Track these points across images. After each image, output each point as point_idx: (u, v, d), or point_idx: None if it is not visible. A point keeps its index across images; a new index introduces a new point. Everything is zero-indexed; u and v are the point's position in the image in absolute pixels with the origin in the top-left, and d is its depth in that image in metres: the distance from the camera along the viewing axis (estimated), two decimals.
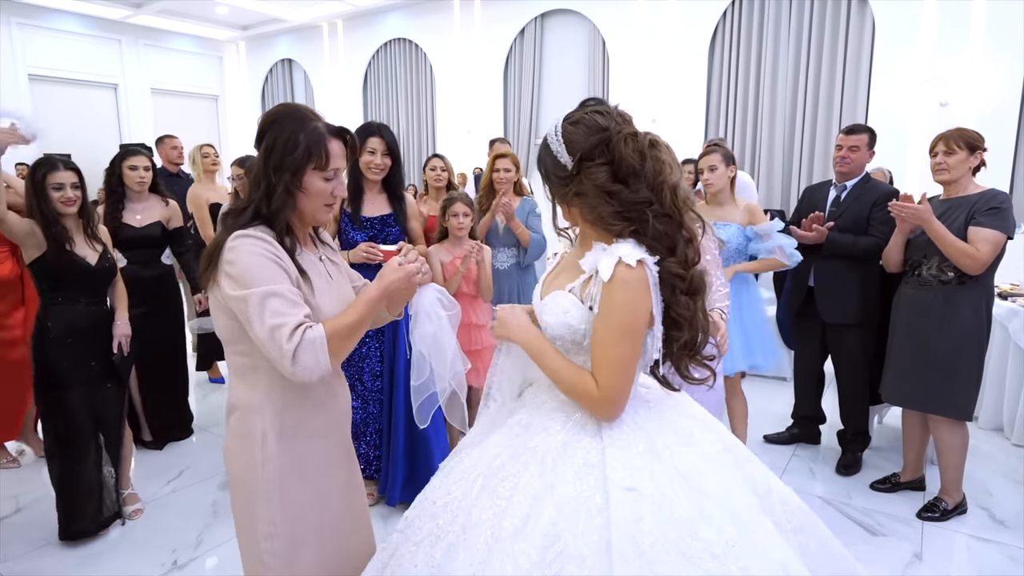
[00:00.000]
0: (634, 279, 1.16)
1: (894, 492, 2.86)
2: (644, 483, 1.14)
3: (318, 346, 1.18)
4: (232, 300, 1.21)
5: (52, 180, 2.33)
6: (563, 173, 1.23)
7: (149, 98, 11.94)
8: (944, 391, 2.55)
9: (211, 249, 1.25)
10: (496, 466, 1.25)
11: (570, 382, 1.24)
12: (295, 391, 1.30)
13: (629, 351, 1.19)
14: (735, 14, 8.00)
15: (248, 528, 1.31)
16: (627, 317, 1.17)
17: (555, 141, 1.23)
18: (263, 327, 1.17)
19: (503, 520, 1.14)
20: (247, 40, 12.63)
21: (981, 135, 2.53)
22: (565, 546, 1.08)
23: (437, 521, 1.25)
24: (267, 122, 1.29)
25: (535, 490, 1.16)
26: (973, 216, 2.46)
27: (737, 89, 8.14)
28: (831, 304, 2.97)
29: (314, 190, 1.28)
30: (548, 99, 9.48)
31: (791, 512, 1.33)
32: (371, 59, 11.02)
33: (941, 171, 2.56)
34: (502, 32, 9.49)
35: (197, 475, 3.12)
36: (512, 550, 1.10)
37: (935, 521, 2.62)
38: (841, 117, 7.55)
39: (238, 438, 1.31)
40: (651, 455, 1.20)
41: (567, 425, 1.25)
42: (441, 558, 1.19)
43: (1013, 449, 3.29)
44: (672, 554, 1.07)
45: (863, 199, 2.93)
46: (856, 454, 3.11)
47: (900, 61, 7.16)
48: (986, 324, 2.57)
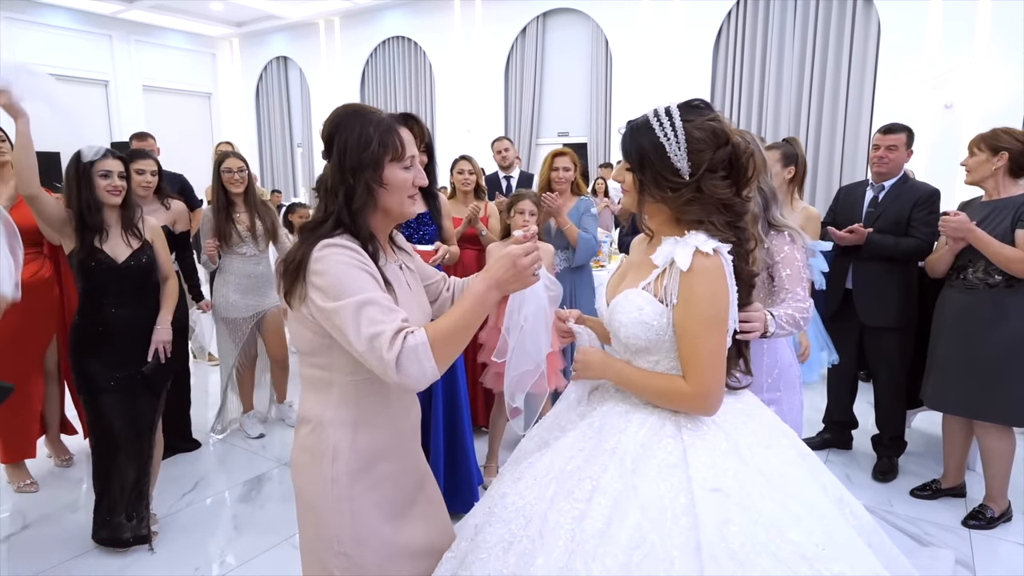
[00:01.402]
0: (713, 267, 1.16)
1: (935, 499, 2.81)
2: (729, 484, 1.12)
3: (421, 352, 1.11)
4: (324, 313, 1.14)
5: (100, 167, 2.26)
6: (678, 179, 1.20)
7: (141, 95, 11.72)
8: (992, 396, 2.49)
9: (294, 263, 1.18)
10: (570, 469, 1.22)
11: (661, 390, 1.23)
12: (369, 407, 1.25)
13: (718, 341, 1.19)
14: (740, 14, 7.97)
15: (315, 544, 1.27)
16: (711, 307, 1.17)
17: (673, 145, 1.19)
18: (360, 338, 1.10)
19: (583, 523, 1.11)
20: (241, 37, 12.44)
21: (1012, 135, 2.46)
22: (652, 547, 1.06)
23: (509, 527, 1.21)
24: (331, 127, 1.23)
25: (616, 491, 1.13)
26: (1020, 219, 2.40)
27: (741, 90, 8.11)
28: (870, 307, 2.90)
29: (396, 182, 1.23)
30: (550, 99, 9.40)
31: (862, 526, 1.32)
32: (369, 57, 10.88)
33: (967, 173, 2.56)
34: (503, 31, 9.40)
35: (212, 488, 2.99)
36: (597, 553, 1.07)
37: (982, 529, 2.57)
38: (846, 118, 7.55)
39: (308, 452, 1.26)
40: (734, 455, 1.18)
41: (644, 426, 1.23)
42: (516, 563, 1.14)
43: None
44: (763, 556, 1.05)
45: (903, 199, 2.87)
46: (893, 460, 3.06)
47: (905, 62, 7.16)
48: None
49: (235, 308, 3.37)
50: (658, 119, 1.19)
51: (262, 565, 2.38)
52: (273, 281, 3.50)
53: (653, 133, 1.19)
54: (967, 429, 2.71)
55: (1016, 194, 2.47)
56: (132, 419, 2.37)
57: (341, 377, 1.22)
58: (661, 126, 1.19)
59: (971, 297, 2.54)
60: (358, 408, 1.24)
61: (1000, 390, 2.48)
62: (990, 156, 2.47)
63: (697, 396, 1.19)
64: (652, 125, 1.20)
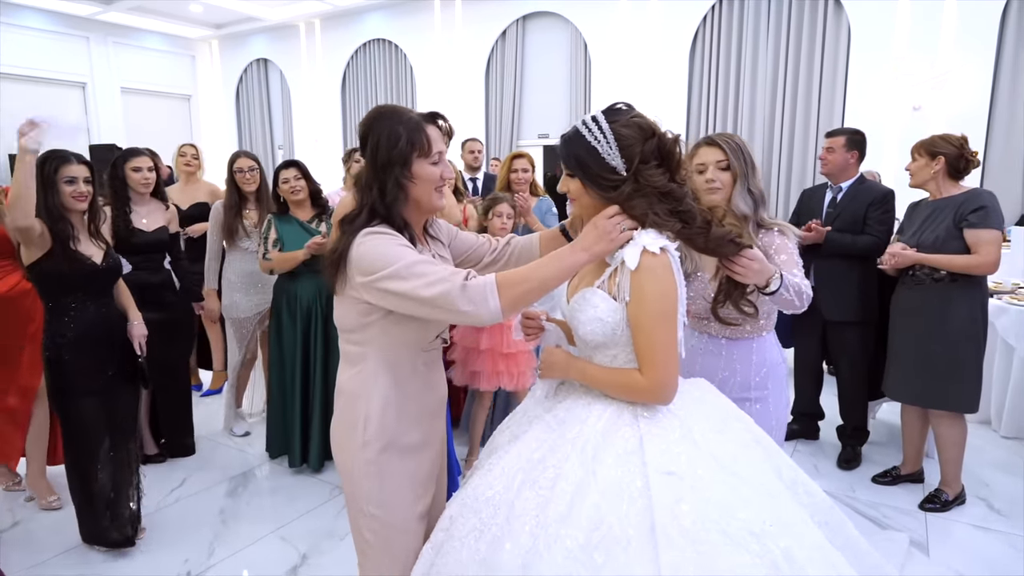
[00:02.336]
0: (660, 266, 1.24)
1: (895, 485, 2.95)
2: (682, 467, 1.20)
3: (487, 289, 1.21)
4: (376, 286, 1.25)
5: (65, 173, 2.26)
6: (615, 176, 1.27)
7: (119, 97, 11.62)
8: (943, 387, 2.64)
9: (337, 254, 1.30)
10: (536, 459, 1.29)
11: (618, 384, 1.31)
12: (399, 381, 1.38)
13: (669, 334, 1.27)
14: (715, 19, 8.13)
15: (353, 506, 1.41)
16: (661, 303, 1.25)
17: (604, 145, 1.26)
18: (423, 286, 1.21)
19: (547, 508, 1.18)
20: (220, 39, 12.39)
21: (948, 140, 2.62)
22: (610, 528, 1.13)
23: (480, 516, 1.28)
24: (366, 127, 1.35)
25: (577, 478, 1.20)
26: (964, 218, 2.55)
27: (717, 92, 8.28)
28: (832, 302, 3.04)
29: (424, 176, 1.34)
30: (530, 101, 9.50)
31: (816, 505, 1.39)
32: (350, 59, 10.90)
33: (910, 177, 2.73)
34: (483, 33, 9.49)
35: (200, 483, 3.05)
36: (559, 534, 1.14)
37: (937, 512, 2.71)
38: (819, 121, 7.73)
39: (343, 421, 1.40)
40: (687, 441, 1.25)
41: (603, 416, 1.30)
42: (486, 550, 1.21)
43: (1002, 441, 3.42)
44: (714, 533, 1.11)
45: (859, 199, 3.03)
46: (856, 449, 3.20)
47: (874, 66, 7.37)
48: (982, 320, 2.66)
49: (238, 308, 3.45)
50: (587, 127, 1.28)
51: (250, 555, 2.45)
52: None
53: (584, 139, 1.27)
54: (923, 418, 2.86)
55: (955, 194, 2.63)
56: (115, 419, 2.40)
57: (375, 352, 1.35)
58: (590, 131, 1.27)
59: (920, 292, 2.69)
60: (388, 381, 1.36)
61: (950, 380, 2.62)
62: (928, 161, 2.64)
63: (653, 388, 1.26)
64: (582, 133, 1.28)
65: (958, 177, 2.63)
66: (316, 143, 11.30)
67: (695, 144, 1.85)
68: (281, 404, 3.16)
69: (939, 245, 2.60)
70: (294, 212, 3.17)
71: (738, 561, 1.09)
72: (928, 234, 2.64)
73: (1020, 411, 3.38)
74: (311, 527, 2.64)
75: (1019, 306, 3.38)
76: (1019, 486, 2.94)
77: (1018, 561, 2.38)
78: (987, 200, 2.56)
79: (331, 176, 9.09)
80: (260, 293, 3.47)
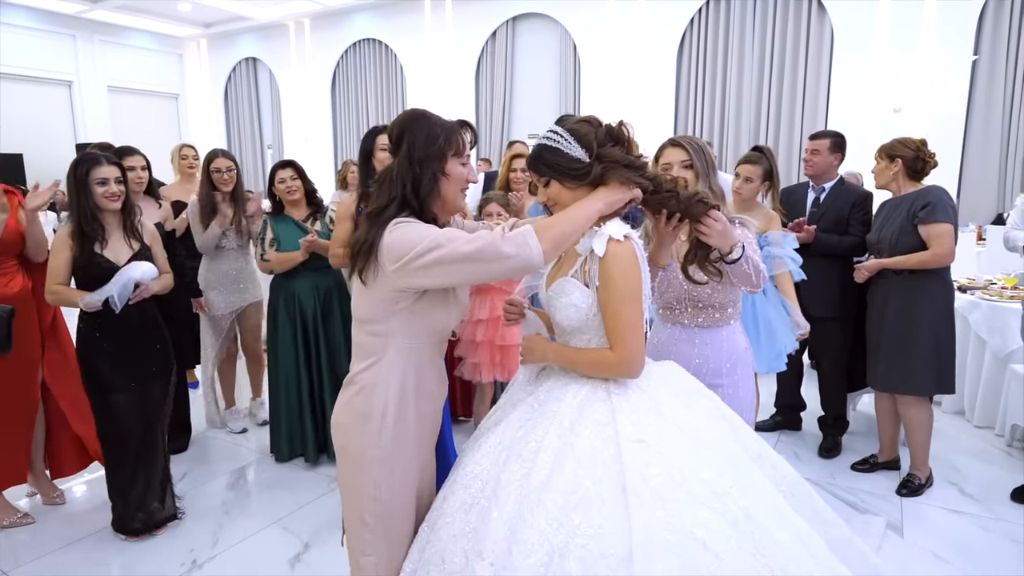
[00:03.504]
0: (624, 252, 1.37)
1: (873, 472, 3.08)
2: (650, 435, 1.32)
3: (527, 233, 1.29)
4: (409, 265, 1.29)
5: (96, 175, 2.34)
6: (581, 163, 1.42)
7: (106, 96, 11.59)
8: (908, 372, 2.79)
9: (366, 245, 1.36)
10: (519, 436, 1.41)
11: (591, 362, 1.44)
12: (417, 371, 1.44)
13: (635, 314, 1.39)
14: (701, 21, 8.27)
15: (354, 491, 1.45)
16: (626, 286, 1.38)
17: (564, 142, 1.42)
18: (460, 243, 1.27)
19: (529, 477, 1.29)
20: (209, 38, 12.37)
21: (905, 144, 2.79)
22: (586, 491, 1.24)
23: (469, 491, 1.39)
24: (401, 126, 1.42)
25: (556, 448, 1.32)
26: (915, 215, 2.73)
27: (704, 93, 8.42)
28: (815, 298, 3.17)
29: (455, 175, 1.43)
30: (520, 102, 9.60)
31: (781, 476, 1.49)
32: (340, 59, 10.94)
33: (875, 178, 2.92)
34: (474, 34, 9.57)
35: (200, 478, 3.12)
36: (541, 499, 1.25)
37: (911, 496, 2.84)
38: (803, 122, 7.90)
39: (355, 411, 1.43)
40: (655, 413, 1.38)
41: (580, 393, 1.42)
42: (476, 521, 1.31)
43: (975, 430, 3.56)
44: (679, 492, 1.23)
45: (841, 200, 3.18)
46: (836, 438, 3.33)
47: (857, 69, 7.54)
48: (944, 310, 2.80)
49: (213, 306, 3.49)
50: (545, 137, 1.44)
51: (254, 545, 2.53)
52: (254, 276, 3.63)
53: (547, 146, 1.44)
54: (895, 406, 2.99)
55: (910, 192, 2.80)
56: (147, 415, 2.51)
57: (396, 342, 1.40)
58: (549, 138, 1.43)
59: (887, 286, 2.86)
60: (408, 371, 1.42)
61: (913, 365, 2.78)
62: (888, 163, 2.82)
63: (621, 362, 1.39)
64: (543, 143, 1.44)
65: (917, 177, 2.81)
66: (306, 143, 11.34)
67: (660, 146, 2.00)
68: (286, 404, 3.18)
69: (895, 240, 2.79)
70: (289, 211, 3.23)
71: (700, 516, 1.21)
72: (887, 230, 2.84)
73: (991, 402, 3.52)
74: (312, 518, 2.72)
75: (991, 301, 3.53)
76: (989, 472, 3.08)
77: (987, 540, 2.51)
78: (934, 196, 2.72)
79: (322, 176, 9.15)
80: (237, 292, 3.53)
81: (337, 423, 1.48)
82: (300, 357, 3.17)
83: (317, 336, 3.18)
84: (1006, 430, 3.39)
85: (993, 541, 2.51)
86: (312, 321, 3.18)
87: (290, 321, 3.18)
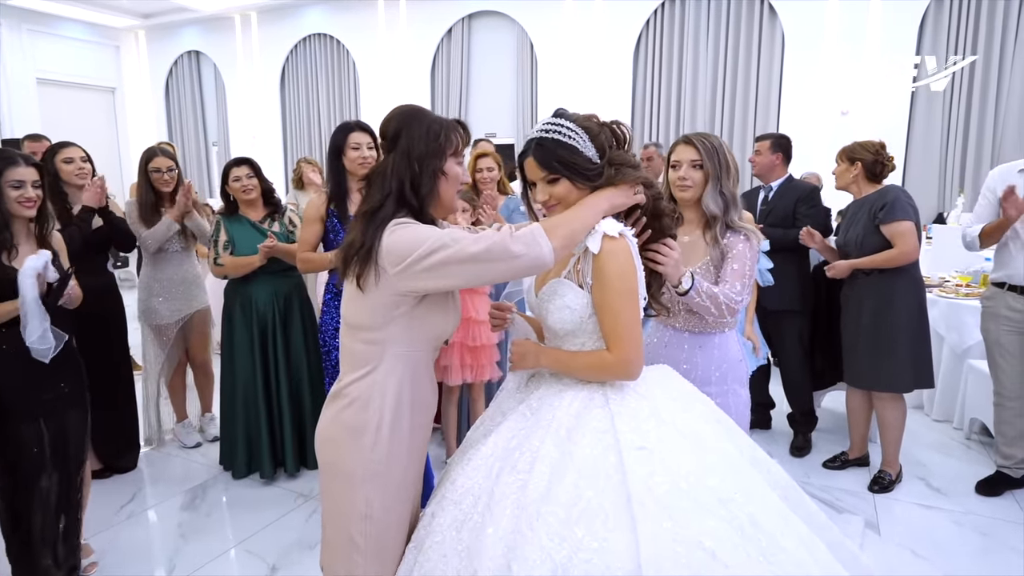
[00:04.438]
0: (620, 249, 1.33)
1: (843, 469, 3.12)
2: (652, 442, 1.27)
3: (536, 232, 1.23)
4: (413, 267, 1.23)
5: (11, 177, 2.01)
6: (594, 164, 1.37)
7: (34, 89, 10.86)
8: (884, 370, 2.84)
9: (364, 249, 1.28)
10: (512, 447, 1.33)
11: (588, 365, 1.38)
12: (411, 383, 1.36)
13: (632, 312, 1.35)
14: (657, 22, 8.35)
15: (343, 510, 1.36)
16: (623, 282, 1.33)
17: (580, 139, 1.36)
18: (467, 244, 1.21)
19: (526, 490, 1.22)
20: (148, 29, 11.78)
21: (864, 147, 2.85)
22: (588, 503, 1.18)
23: (460, 507, 1.30)
24: (397, 123, 1.35)
25: (553, 459, 1.25)
26: (875, 216, 2.78)
27: (660, 94, 8.50)
28: (772, 293, 3.19)
29: (452, 174, 1.37)
30: (477, 100, 9.49)
31: (776, 481, 1.46)
32: (289, 54, 10.58)
33: (836, 180, 2.97)
34: (429, 31, 9.41)
35: (153, 498, 2.90)
36: (540, 512, 1.18)
37: (883, 492, 2.89)
38: (756, 123, 8.07)
39: (346, 425, 1.34)
40: (655, 418, 1.33)
41: (576, 400, 1.36)
42: (469, 539, 1.23)
43: (934, 424, 3.67)
44: (685, 500, 1.18)
45: (787, 197, 3.29)
46: (807, 436, 3.37)
47: (806, 71, 7.74)
48: (918, 306, 2.86)
49: (157, 314, 3.25)
50: (557, 129, 1.36)
51: (215, 571, 2.35)
52: (199, 281, 3.40)
53: (562, 141, 1.36)
54: (867, 404, 3.04)
55: (870, 193, 2.86)
56: (60, 447, 2.11)
57: (392, 349, 1.32)
58: (562, 132, 1.35)
59: (859, 286, 2.90)
60: (404, 380, 1.34)
61: (888, 363, 2.82)
62: (848, 166, 2.89)
63: (620, 363, 1.33)
64: (556, 135, 1.36)
65: (876, 180, 2.88)
66: (254, 140, 10.92)
67: (674, 142, 1.93)
68: (244, 417, 2.99)
69: (860, 241, 2.85)
70: (244, 212, 3.03)
71: (708, 525, 1.16)
72: (852, 232, 2.90)
73: (949, 397, 3.63)
74: (279, 537, 2.55)
75: (948, 298, 3.64)
76: (951, 465, 3.17)
77: (959, 535, 2.57)
78: (891, 196, 2.78)
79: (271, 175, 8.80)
80: (182, 299, 3.29)
81: (325, 438, 1.38)
82: (258, 367, 2.98)
83: (276, 345, 3.00)
84: (964, 424, 3.50)
85: (965, 536, 2.56)
86: (271, 329, 3.00)
87: (247, 329, 2.99)
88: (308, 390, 3.02)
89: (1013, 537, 2.53)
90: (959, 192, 7.22)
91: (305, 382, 3.03)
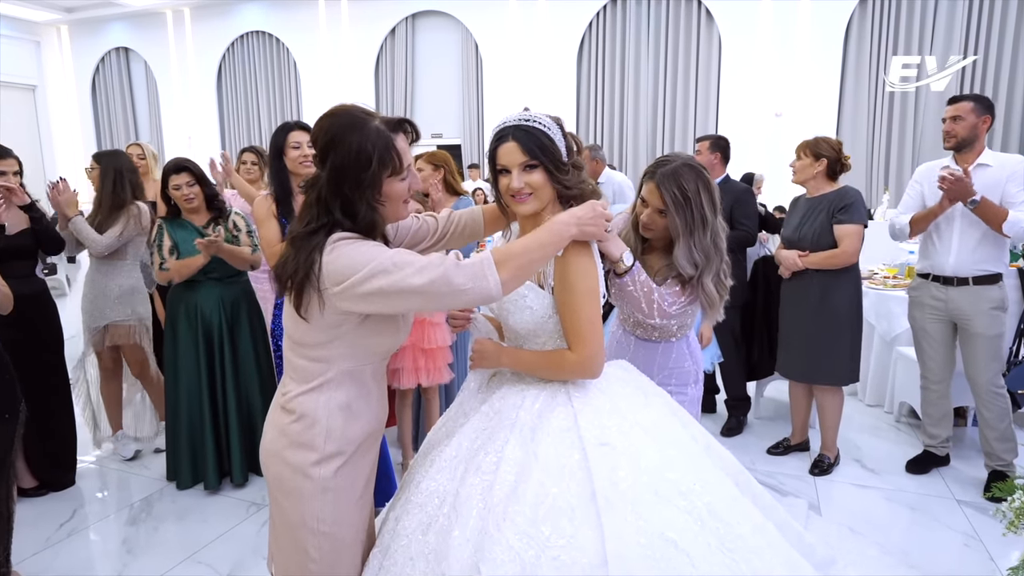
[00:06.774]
0: (580, 249, 1.34)
1: (786, 455, 3.27)
2: (614, 438, 1.30)
3: (485, 264, 1.19)
4: (353, 289, 1.16)
5: None
6: (565, 162, 1.39)
7: None
8: (827, 363, 2.97)
9: (300, 274, 1.20)
10: (476, 447, 1.35)
11: (550, 364, 1.39)
12: (358, 396, 1.32)
13: (594, 310, 1.36)
14: (599, 25, 8.52)
15: (294, 525, 1.31)
16: (583, 281, 1.34)
17: (557, 135, 1.38)
18: (410, 274, 1.15)
19: (492, 491, 1.23)
20: (71, 24, 11.21)
21: (829, 144, 2.95)
22: (554, 500, 1.20)
23: (425, 510, 1.31)
24: (327, 139, 1.23)
25: (518, 459, 1.27)
26: (833, 214, 2.90)
27: (604, 96, 8.67)
28: None
29: (394, 195, 1.28)
30: (422, 100, 9.44)
31: (727, 468, 1.54)
32: (226, 52, 10.27)
33: (794, 173, 3.03)
34: (372, 31, 9.30)
35: (95, 514, 2.77)
36: (507, 512, 1.19)
37: (823, 475, 3.04)
38: (696, 124, 8.33)
39: (291, 438, 1.29)
40: (616, 414, 1.36)
41: (539, 399, 1.38)
42: (435, 542, 1.24)
43: (867, 409, 3.88)
44: (647, 493, 1.23)
45: (726, 197, 3.33)
46: (740, 418, 3.57)
47: (742, 75, 8.05)
48: (857, 305, 3.02)
49: (105, 319, 3.18)
50: (537, 120, 1.37)
51: None
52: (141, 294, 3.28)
53: (544, 131, 1.36)
54: (808, 393, 3.19)
55: (828, 192, 2.96)
56: None
57: (339, 364, 1.27)
58: (540, 123, 1.36)
59: (800, 282, 3.02)
60: (352, 394, 1.30)
61: (828, 358, 2.97)
62: (813, 161, 2.96)
63: (583, 361, 1.34)
64: (537, 127, 1.36)
65: (834, 177, 2.97)
66: (189, 140, 10.54)
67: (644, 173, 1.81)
68: (188, 427, 2.90)
69: (816, 238, 2.94)
70: (188, 216, 2.95)
71: (669, 516, 1.21)
72: (807, 228, 2.98)
73: (880, 382, 3.86)
74: (231, 548, 2.49)
75: (877, 290, 3.86)
76: (883, 446, 3.36)
77: (891, 511, 2.73)
78: (852, 197, 2.92)
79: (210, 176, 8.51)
80: (129, 305, 3.22)
81: (271, 452, 1.32)
82: (203, 375, 2.89)
83: (223, 353, 2.91)
84: (895, 407, 3.72)
85: (897, 511, 2.73)
86: (217, 336, 2.91)
87: (192, 337, 2.89)
88: (260, 397, 2.95)
89: (940, 511, 2.71)
90: (884, 189, 7.65)
91: (256, 389, 2.96)
